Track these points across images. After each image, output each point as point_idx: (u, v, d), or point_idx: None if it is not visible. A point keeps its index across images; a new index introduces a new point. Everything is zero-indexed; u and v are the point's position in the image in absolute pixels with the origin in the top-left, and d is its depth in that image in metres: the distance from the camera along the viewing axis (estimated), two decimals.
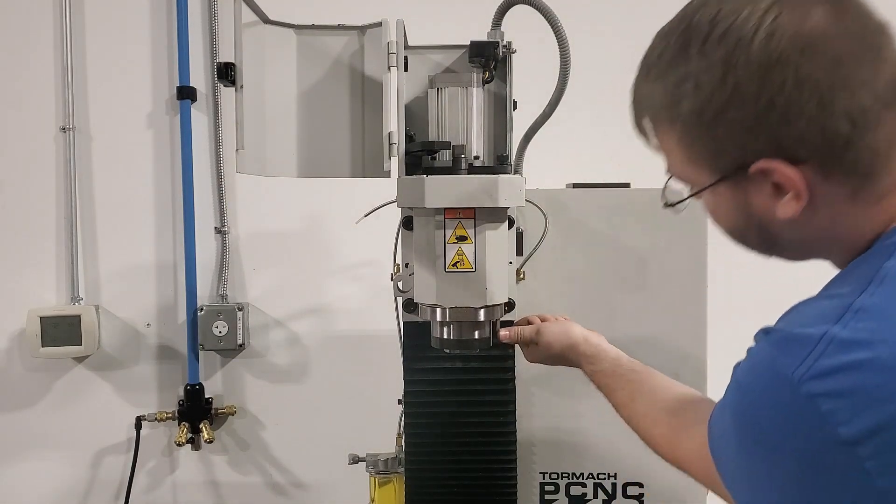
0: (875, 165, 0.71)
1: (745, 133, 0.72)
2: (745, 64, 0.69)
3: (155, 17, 2.25)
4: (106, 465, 2.31)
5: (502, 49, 1.26)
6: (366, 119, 1.36)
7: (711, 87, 0.72)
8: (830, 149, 0.70)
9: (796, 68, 0.68)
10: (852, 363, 0.63)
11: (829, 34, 0.69)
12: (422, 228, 1.21)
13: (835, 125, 0.69)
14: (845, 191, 0.73)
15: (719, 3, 0.73)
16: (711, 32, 0.72)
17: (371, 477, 1.62)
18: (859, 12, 0.73)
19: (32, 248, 2.26)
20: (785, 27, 0.69)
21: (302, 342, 2.30)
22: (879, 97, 0.69)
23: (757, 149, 0.72)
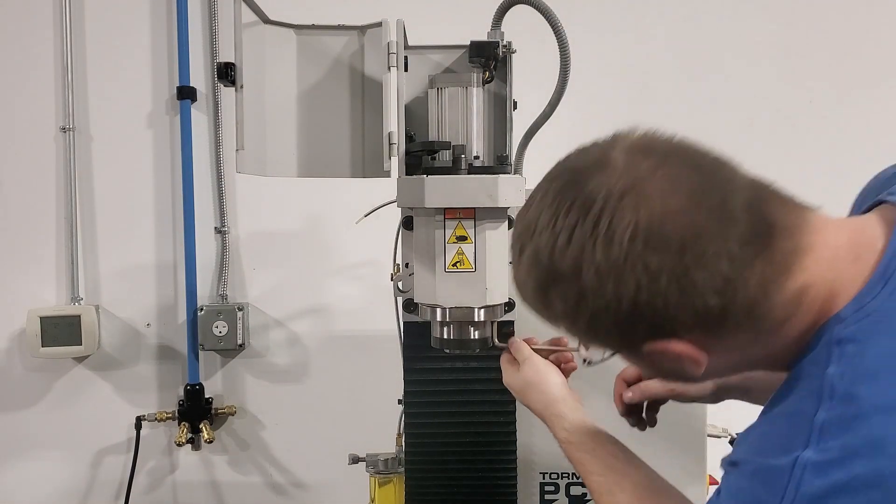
0: (759, 311, 0.71)
1: (621, 329, 0.73)
2: (594, 274, 0.70)
3: (155, 17, 2.25)
4: (106, 465, 2.31)
5: (502, 49, 1.26)
6: (366, 119, 1.36)
7: (573, 298, 0.73)
8: (708, 320, 0.71)
9: (645, 265, 0.68)
10: (833, 487, 0.63)
11: (668, 218, 0.68)
12: (422, 228, 1.21)
13: (703, 302, 0.69)
14: (741, 337, 0.73)
15: (560, 204, 0.72)
16: (556, 238, 0.72)
17: (371, 477, 1.62)
18: (698, 167, 0.72)
19: (32, 248, 2.26)
20: (621, 230, 0.68)
21: (302, 342, 2.30)
22: (736, 257, 0.69)
23: (639, 337, 0.73)
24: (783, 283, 0.71)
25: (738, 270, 0.69)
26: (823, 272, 0.72)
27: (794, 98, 2.29)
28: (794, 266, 0.71)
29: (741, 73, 2.27)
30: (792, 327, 0.73)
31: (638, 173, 0.70)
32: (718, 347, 0.74)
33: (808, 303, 0.72)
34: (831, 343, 0.69)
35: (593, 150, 0.75)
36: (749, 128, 2.26)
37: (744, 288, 0.69)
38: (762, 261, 0.70)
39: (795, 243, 0.71)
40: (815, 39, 2.29)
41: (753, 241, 0.69)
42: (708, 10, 2.27)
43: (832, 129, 2.29)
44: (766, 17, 2.29)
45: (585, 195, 0.71)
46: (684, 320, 0.71)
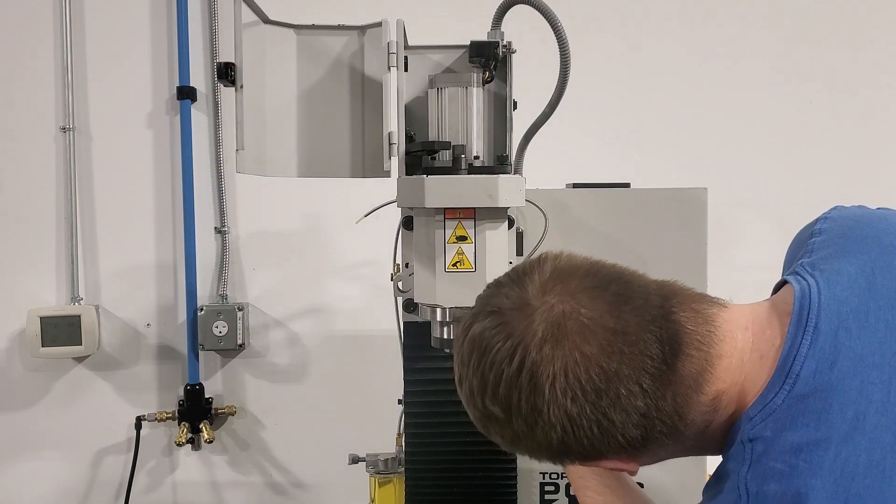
0: (678, 429, 0.77)
1: (555, 459, 0.81)
2: (522, 421, 0.76)
3: (155, 17, 2.25)
4: (106, 465, 2.31)
5: (502, 49, 1.26)
6: (366, 119, 1.36)
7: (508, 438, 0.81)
8: (631, 447, 0.77)
9: (566, 412, 0.74)
10: None
11: (583, 366, 0.73)
12: (422, 228, 1.21)
13: (623, 435, 0.75)
14: (668, 448, 0.79)
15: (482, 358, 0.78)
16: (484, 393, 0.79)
17: (371, 477, 1.62)
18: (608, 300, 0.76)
19: (32, 248, 2.26)
20: (543, 380, 0.73)
21: (302, 342, 2.30)
22: (650, 392, 0.74)
23: (572, 461, 0.81)
24: (697, 399, 0.76)
25: (652, 404, 0.74)
26: (734, 377, 0.77)
27: (794, 98, 2.29)
28: (705, 381, 0.76)
29: (741, 73, 2.27)
30: (714, 429, 0.79)
31: (553, 318, 0.75)
32: (647, 457, 0.81)
33: (723, 407, 0.77)
34: (744, 441, 0.75)
35: (510, 294, 0.79)
36: (749, 128, 2.26)
37: (660, 417, 0.75)
38: (674, 387, 0.75)
39: (704, 356, 0.76)
40: (815, 39, 2.29)
41: (664, 371, 0.74)
42: (708, 9, 2.27)
43: (832, 129, 2.29)
44: (766, 16, 2.29)
45: (511, 343, 0.75)
46: (609, 450, 0.77)
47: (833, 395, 0.71)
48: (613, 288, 0.77)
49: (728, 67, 2.27)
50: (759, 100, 2.28)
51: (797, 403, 0.72)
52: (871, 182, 2.19)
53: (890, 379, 0.71)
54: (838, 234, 0.83)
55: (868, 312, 0.74)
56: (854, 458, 0.69)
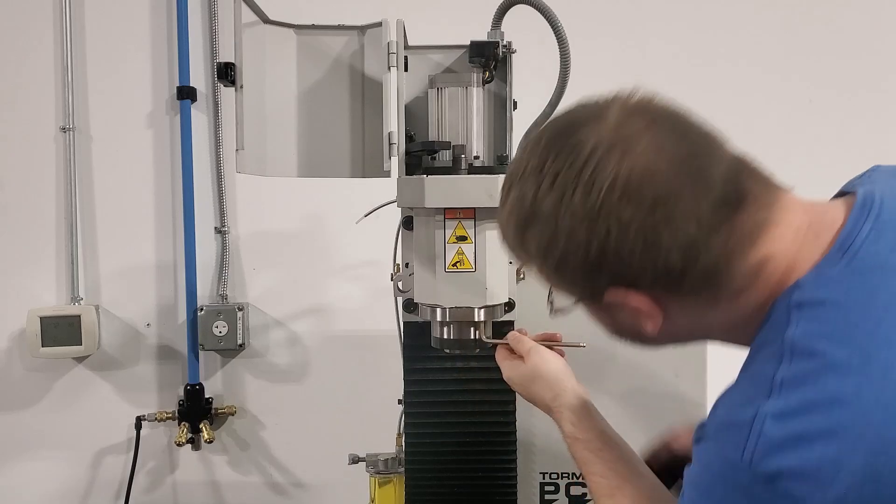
0: (719, 278, 0.75)
1: (586, 273, 0.77)
2: (570, 217, 0.74)
3: (155, 17, 2.25)
4: (106, 465, 2.31)
5: (502, 49, 1.26)
6: (366, 119, 1.36)
7: (547, 237, 0.77)
8: (668, 278, 0.74)
9: (618, 216, 0.72)
10: (791, 436, 0.66)
11: (649, 175, 0.72)
12: (422, 228, 1.21)
13: (665, 260, 0.73)
14: (700, 301, 0.77)
15: (549, 149, 0.77)
16: (537, 197, 0.77)
17: (371, 477, 1.62)
18: (685, 135, 0.76)
19: (32, 248, 2.26)
20: (602, 178, 0.72)
21: (302, 342, 2.30)
22: (705, 224, 0.72)
23: (601, 283, 0.78)
24: (746, 253, 0.74)
25: (704, 234, 0.72)
26: (786, 247, 0.75)
27: (794, 97, 2.29)
28: (759, 238, 0.74)
29: (740, 73, 2.27)
30: (748, 299, 0.77)
31: (628, 131, 0.74)
32: (675, 308, 0.78)
33: (766, 275, 0.75)
34: (790, 307, 0.72)
35: (591, 106, 0.79)
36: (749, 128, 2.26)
37: (707, 252, 0.73)
38: (729, 229, 0.73)
39: (764, 217, 0.75)
40: (815, 39, 2.29)
41: (724, 209, 0.73)
42: (708, 10, 2.27)
43: (832, 129, 2.29)
44: (766, 16, 2.29)
45: (574, 143, 0.75)
46: (645, 274, 0.74)
47: (891, 274, 0.70)
48: (693, 128, 0.77)
49: (728, 67, 2.27)
50: (759, 99, 2.28)
51: (853, 276, 0.71)
52: None
53: None
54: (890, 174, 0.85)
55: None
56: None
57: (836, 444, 0.65)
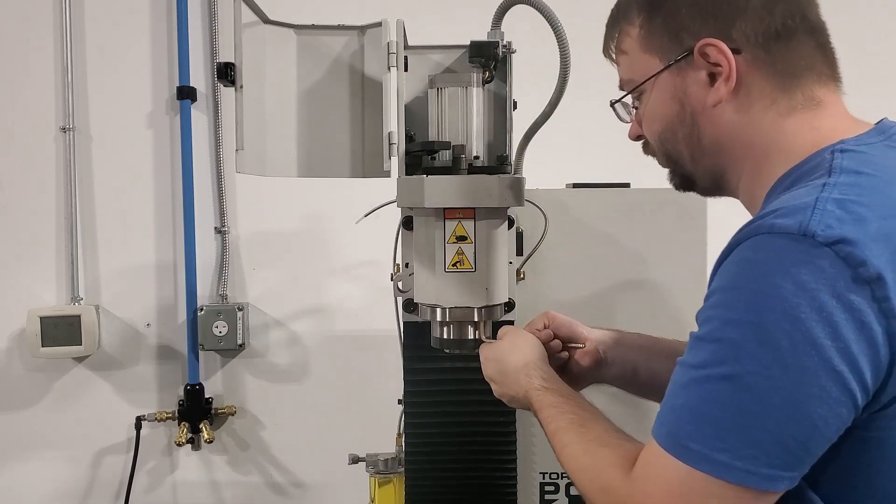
0: (790, 77, 0.83)
1: (698, 17, 0.85)
2: None
3: (155, 17, 2.25)
4: (106, 465, 2.31)
5: (502, 49, 1.26)
6: (366, 119, 1.36)
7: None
8: (763, 43, 0.83)
9: None
10: (851, 215, 0.69)
11: None
12: (422, 228, 1.21)
13: (771, 23, 0.82)
14: (765, 91, 0.84)
15: None
16: None
17: (371, 477, 1.63)
18: None
19: (32, 248, 2.26)
20: None
21: (302, 342, 2.30)
22: (805, 21, 0.84)
23: (704, 32, 0.84)
24: (812, 82, 0.84)
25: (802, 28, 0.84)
26: (834, 106, 0.85)
27: None
28: (824, 82, 0.85)
29: None
30: (795, 127, 0.83)
31: None
32: (746, 82, 0.84)
33: (815, 114, 0.84)
34: (835, 151, 0.78)
35: None
36: None
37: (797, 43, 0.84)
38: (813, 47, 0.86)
39: (830, 73, 0.86)
40: None
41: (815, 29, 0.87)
42: None
43: None
44: None
45: None
46: (748, 32, 0.83)
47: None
48: None
49: None
50: None
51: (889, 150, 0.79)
52: None
53: None
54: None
55: None
56: None
57: (890, 224, 0.69)
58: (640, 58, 0.91)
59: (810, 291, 0.67)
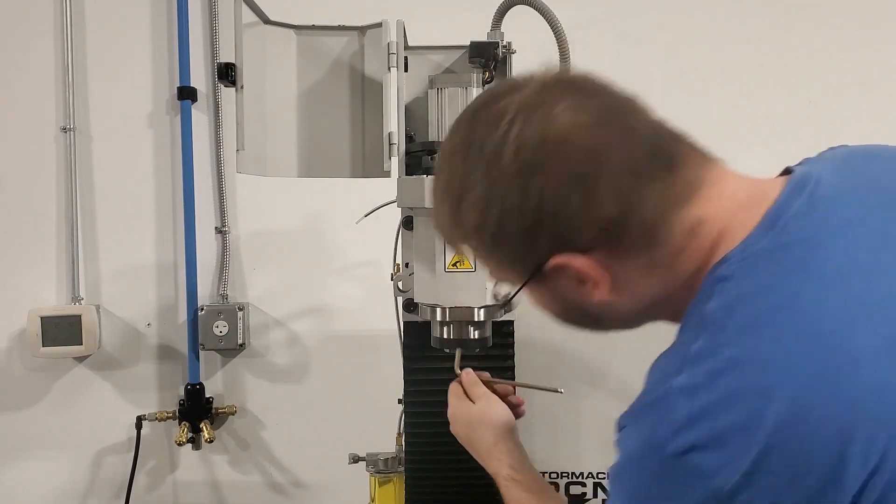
0: (656, 235, 0.73)
1: (527, 239, 0.74)
2: (502, 178, 0.72)
3: (155, 17, 2.25)
4: (106, 465, 2.31)
5: (502, 49, 1.26)
6: (366, 119, 1.36)
7: (482, 205, 0.74)
8: (608, 233, 0.72)
9: (551, 172, 0.70)
10: (702, 409, 0.63)
11: (575, 128, 0.71)
12: (422, 228, 1.22)
13: (603, 211, 0.71)
14: (640, 264, 0.75)
15: (470, 127, 0.76)
16: (467, 160, 0.75)
17: (371, 477, 1.63)
18: (603, 95, 0.75)
19: (32, 248, 2.26)
20: (530, 135, 0.71)
21: (302, 342, 2.30)
22: (638, 173, 0.71)
23: (544, 249, 0.74)
24: (682, 209, 0.73)
25: (639, 184, 0.71)
26: (718, 210, 0.74)
27: (796, 98, 2.29)
28: (694, 196, 0.73)
29: (742, 73, 2.27)
30: (684, 264, 0.75)
31: (548, 94, 0.73)
32: (619, 272, 0.75)
33: (701, 237, 0.73)
34: (715, 281, 0.71)
35: (510, 80, 0.80)
36: (750, 127, 2.26)
37: (643, 203, 0.71)
38: (663, 182, 0.72)
39: (698, 176, 0.74)
40: (817, 38, 2.29)
41: (655, 164, 0.72)
42: (708, 9, 2.27)
43: (833, 130, 2.29)
44: (766, 15, 2.29)
45: (497, 110, 0.74)
46: (585, 230, 0.72)
47: (818, 248, 0.68)
48: (616, 92, 0.77)
49: (728, 67, 2.27)
50: (760, 100, 2.28)
51: (780, 250, 0.69)
52: None
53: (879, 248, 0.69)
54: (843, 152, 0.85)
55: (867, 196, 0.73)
56: (832, 301, 0.65)
57: (743, 413, 0.62)
58: (497, 272, 0.83)
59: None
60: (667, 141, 0.74)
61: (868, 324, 0.64)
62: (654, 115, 0.76)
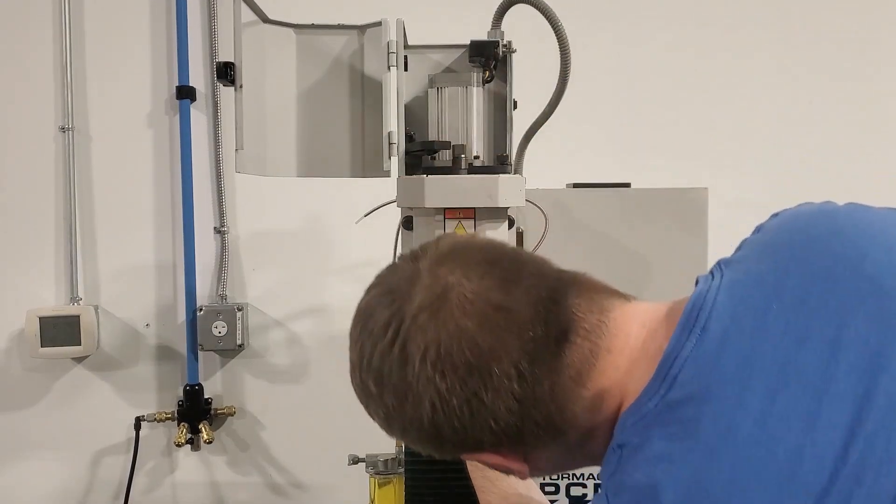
0: (561, 423, 0.72)
1: (431, 444, 0.75)
2: (394, 397, 0.73)
3: (155, 17, 2.25)
4: (105, 466, 2.30)
5: (502, 48, 1.26)
6: (366, 119, 1.36)
7: (383, 416, 0.77)
8: (507, 436, 0.71)
9: (436, 388, 0.70)
10: None
11: (457, 339, 0.69)
12: (422, 228, 1.21)
13: (497, 421, 0.70)
14: (555, 447, 0.74)
15: (361, 338, 0.76)
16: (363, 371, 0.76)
17: (371, 477, 1.62)
18: (492, 284, 0.71)
19: (31, 248, 2.26)
20: (414, 351, 0.70)
21: (302, 342, 2.30)
22: (527, 376, 0.69)
23: (449, 451, 0.75)
24: (578, 394, 0.71)
25: (528, 388, 0.69)
26: (619, 376, 0.71)
27: (796, 98, 2.29)
28: (588, 375, 0.71)
29: (742, 73, 2.27)
30: (598, 434, 0.73)
31: (436, 290, 0.71)
32: (532, 456, 0.75)
33: (605, 408, 0.72)
34: (614, 448, 0.70)
35: (404, 267, 0.78)
36: (750, 128, 2.26)
37: (536, 405, 0.70)
38: (554, 375, 0.70)
39: (592, 346, 0.71)
40: (817, 39, 2.29)
41: (544, 356, 0.69)
42: (708, 9, 2.27)
43: (833, 130, 2.29)
44: (767, 15, 2.29)
45: (390, 312, 0.73)
46: (484, 437, 0.72)
47: (707, 404, 0.64)
48: (507, 265, 0.73)
49: (729, 67, 2.27)
50: (761, 100, 2.27)
51: (669, 411, 0.66)
52: (873, 183, 2.19)
53: (775, 387, 0.63)
54: (772, 232, 0.78)
55: (768, 311, 0.66)
56: (717, 473, 0.62)
57: None
58: None
59: None
60: (560, 312, 0.71)
61: (757, 487, 0.61)
62: (550, 274, 0.74)
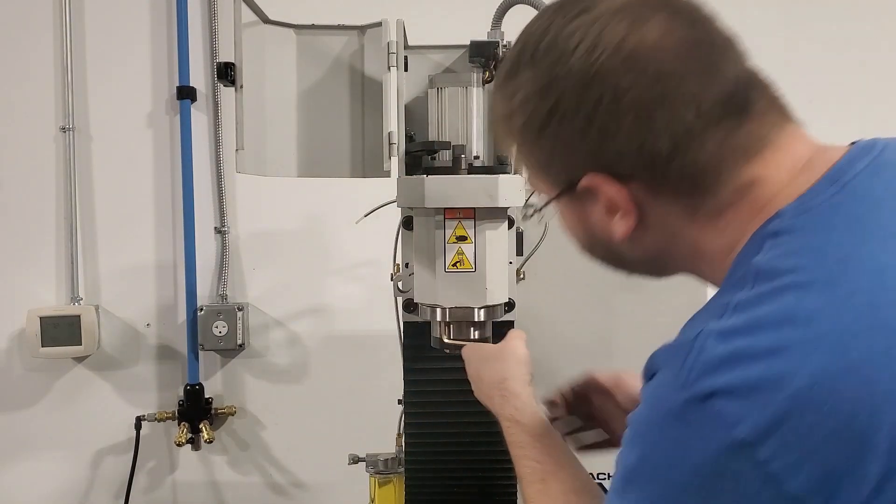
0: (705, 182, 0.69)
1: (568, 148, 0.71)
2: (564, 77, 0.68)
3: (155, 17, 2.25)
4: (106, 465, 2.31)
5: (502, 49, 1.26)
6: (366, 119, 1.36)
7: (535, 101, 0.71)
8: (652, 166, 0.68)
9: (615, 83, 0.67)
10: (734, 353, 0.59)
11: (655, 48, 0.67)
12: (422, 228, 1.21)
13: (654, 142, 0.67)
14: (678, 208, 0.71)
15: (553, 16, 0.72)
16: (539, 45, 0.71)
17: (371, 477, 1.62)
18: (700, 25, 0.70)
19: (32, 248, 2.26)
20: (608, 40, 0.67)
21: (302, 342, 2.30)
22: (704, 114, 0.66)
23: (581, 164, 0.71)
24: (740, 166, 0.68)
25: (701, 125, 0.67)
26: (780, 174, 0.69)
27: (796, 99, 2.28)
28: (756, 155, 0.69)
29: None
30: (731, 219, 0.70)
31: (646, 8, 0.69)
32: (651, 211, 0.71)
33: (752, 198, 0.69)
34: (765, 236, 0.66)
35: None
36: None
37: (700, 145, 0.67)
38: (727, 131, 0.67)
39: (767, 134, 0.69)
40: (817, 39, 2.29)
41: (728, 107, 0.67)
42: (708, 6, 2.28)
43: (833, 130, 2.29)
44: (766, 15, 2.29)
45: (586, 5, 0.70)
46: (628, 157, 0.68)
47: (878, 209, 0.64)
48: (716, 25, 0.71)
49: None
50: None
51: (837, 206, 0.65)
52: None
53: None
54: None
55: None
56: (887, 263, 0.61)
57: (781, 363, 0.57)
58: (531, 177, 0.80)
59: (684, 453, 0.60)
60: (748, 90, 0.69)
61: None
62: (746, 62, 0.72)
